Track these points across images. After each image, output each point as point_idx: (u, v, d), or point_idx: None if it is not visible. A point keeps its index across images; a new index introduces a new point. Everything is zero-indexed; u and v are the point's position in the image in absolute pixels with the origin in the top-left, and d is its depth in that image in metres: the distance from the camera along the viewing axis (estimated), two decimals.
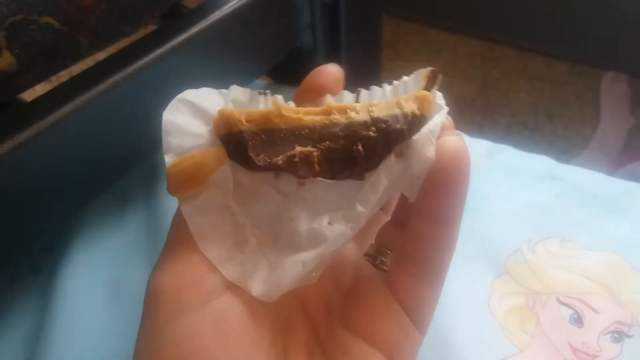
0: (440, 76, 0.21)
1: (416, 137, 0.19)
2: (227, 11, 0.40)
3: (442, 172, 0.19)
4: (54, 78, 0.37)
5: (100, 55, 0.37)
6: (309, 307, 0.23)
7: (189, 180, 0.19)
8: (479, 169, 0.42)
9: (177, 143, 0.19)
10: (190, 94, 0.20)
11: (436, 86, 0.21)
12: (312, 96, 0.22)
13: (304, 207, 0.21)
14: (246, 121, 0.19)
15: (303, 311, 0.23)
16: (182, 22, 0.39)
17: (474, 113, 1.15)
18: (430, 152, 0.19)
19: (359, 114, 0.19)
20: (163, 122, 0.19)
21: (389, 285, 0.22)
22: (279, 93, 0.22)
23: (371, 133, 0.19)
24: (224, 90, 0.21)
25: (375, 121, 0.19)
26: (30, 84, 0.34)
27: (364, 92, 0.22)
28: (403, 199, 0.24)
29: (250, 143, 0.19)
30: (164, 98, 0.39)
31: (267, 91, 0.21)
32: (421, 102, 0.20)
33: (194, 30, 0.38)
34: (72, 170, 0.35)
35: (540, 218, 0.39)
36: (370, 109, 0.19)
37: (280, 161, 0.19)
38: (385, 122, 0.19)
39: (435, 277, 0.21)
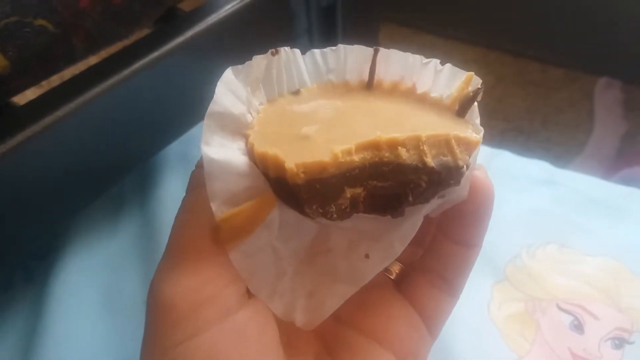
0: (481, 92, 0.20)
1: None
2: (223, 15, 0.40)
3: (474, 207, 0.20)
4: (44, 83, 0.36)
5: (95, 59, 0.37)
6: None
7: (241, 234, 0.18)
8: None
9: (222, 187, 0.18)
10: (217, 100, 0.18)
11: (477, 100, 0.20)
12: None
13: (341, 235, 0.21)
14: (302, 173, 0.17)
15: None
16: (178, 25, 0.38)
17: None
18: (465, 191, 0.20)
19: (409, 152, 0.18)
20: (204, 161, 0.17)
21: (405, 293, 0.22)
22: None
23: (422, 182, 0.18)
24: (239, 67, 0.19)
25: (428, 171, 0.18)
26: (24, 87, 0.34)
27: (381, 52, 0.21)
28: None
29: (305, 197, 0.17)
30: (159, 102, 0.39)
31: (279, 49, 0.20)
32: (472, 149, 0.19)
33: (189, 34, 0.38)
34: (66, 175, 0.34)
35: (539, 223, 0.38)
36: (421, 147, 0.18)
37: (335, 215, 0.18)
38: (439, 173, 0.18)
39: (456, 289, 0.22)
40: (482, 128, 0.20)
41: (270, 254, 0.20)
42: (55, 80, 0.37)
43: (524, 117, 1.14)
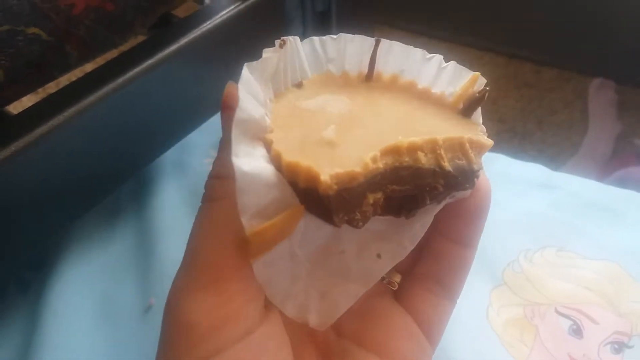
0: (487, 93, 0.20)
1: None
2: (218, 21, 0.40)
3: (475, 204, 0.21)
4: (40, 90, 0.36)
5: (89, 67, 0.37)
6: (316, 334, 0.22)
7: (269, 246, 0.18)
8: None
9: (252, 200, 0.17)
10: (242, 109, 0.17)
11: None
12: None
13: (354, 237, 0.21)
14: (335, 184, 0.17)
15: (311, 339, 0.22)
16: (173, 32, 0.38)
17: None
18: (469, 192, 0.20)
19: (427, 157, 0.18)
20: (237, 175, 0.17)
21: (403, 301, 0.22)
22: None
23: (439, 186, 0.18)
24: (254, 64, 0.19)
25: (445, 175, 0.18)
26: (17, 96, 0.33)
27: (383, 44, 0.21)
28: None
29: (334, 206, 0.17)
30: (154, 110, 0.39)
31: (286, 39, 0.20)
32: (483, 152, 0.20)
33: (184, 40, 0.38)
34: (61, 185, 0.34)
35: (536, 227, 0.38)
36: (438, 151, 0.18)
37: (360, 222, 0.18)
38: (455, 178, 0.19)
39: (453, 293, 0.22)
40: (484, 128, 0.20)
41: (288, 260, 0.20)
42: (50, 87, 0.37)
43: (518, 119, 1.14)
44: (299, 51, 0.21)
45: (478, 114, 0.21)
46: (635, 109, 1.11)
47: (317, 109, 0.20)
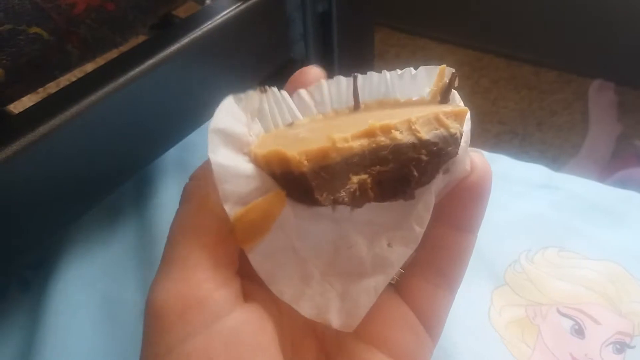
0: (457, 78, 0.21)
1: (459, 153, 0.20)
2: (219, 21, 0.40)
3: (473, 184, 0.21)
4: (41, 90, 0.36)
5: (90, 67, 0.37)
6: (317, 326, 0.22)
7: (256, 231, 0.19)
8: None
9: (233, 189, 0.18)
10: (219, 119, 0.19)
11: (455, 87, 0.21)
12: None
13: (359, 230, 0.21)
14: (306, 160, 0.18)
15: (312, 330, 0.22)
16: (174, 32, 0.38)
17: None
18: (467, 164, 0.20)
19: (403, 134, 0.19)
20: (213, 166, 0.18)
21: (403, 294, 0.22)
22: None
23: (422, 156, 0.19)
24: (241, 95, 0.20)
25: (425, 144, 0.19)
26: (19, 96, 0.33)
27: (360, 78, 0.22)
28: None
29: (314, 184, 0.18)
30: (156, 109, 0.39)
31: (266, 87, 0.21)
32: (461, 119, 0.20)
33: (185, 40, 0.38)
34: (62, 184, 0.34)
35: (538, 228, 0.38)
36: (413, 127, 0.19)
37: (346, 198, 0.18)
38: (436, 144, 0.19)
39: (453, 283, 0.22)
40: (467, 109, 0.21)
41: (291, 255, 0.20)
42: (51, 86, 0.37)
43: (518, 120, 1.14)
44: (286, 100, 0.22)
45: (457, 99, 0.21)
46: (636, 110, 1.11)
47: (303, 130, 0.21)
